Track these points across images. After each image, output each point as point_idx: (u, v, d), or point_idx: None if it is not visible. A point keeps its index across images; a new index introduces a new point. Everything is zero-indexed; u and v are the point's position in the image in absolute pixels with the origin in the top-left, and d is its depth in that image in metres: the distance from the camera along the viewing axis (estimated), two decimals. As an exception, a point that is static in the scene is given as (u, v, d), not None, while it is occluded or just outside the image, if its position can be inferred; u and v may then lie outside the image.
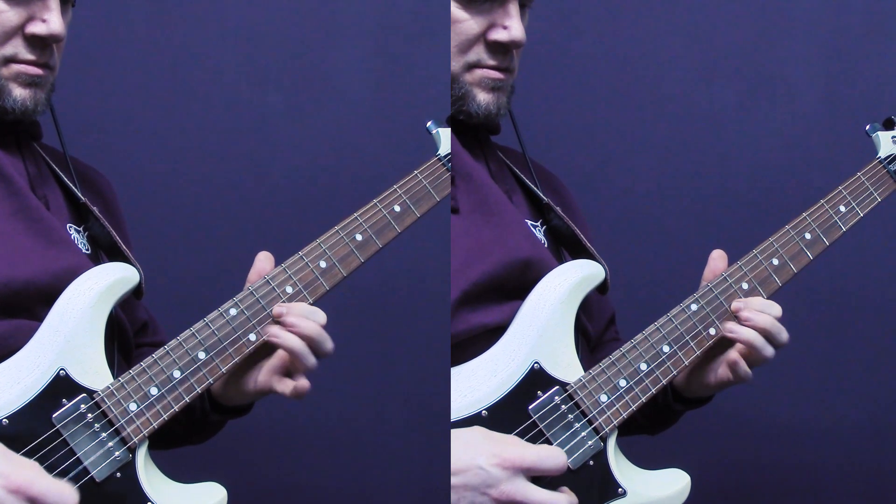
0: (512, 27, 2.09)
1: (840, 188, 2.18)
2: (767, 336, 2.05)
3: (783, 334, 2.06)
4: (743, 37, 3.10)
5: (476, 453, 1.89)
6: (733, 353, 2.07)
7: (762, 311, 2.06)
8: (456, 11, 2.09)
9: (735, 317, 2.07)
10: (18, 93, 2.02)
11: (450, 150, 2.13)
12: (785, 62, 3.09)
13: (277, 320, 1.99)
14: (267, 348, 2.02)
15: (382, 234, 2.07)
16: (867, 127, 2.26)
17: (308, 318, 1.99)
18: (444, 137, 2.14)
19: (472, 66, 2.10)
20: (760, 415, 3.02)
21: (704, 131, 3.10)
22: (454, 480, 1.88)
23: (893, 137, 2.23)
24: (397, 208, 2.09)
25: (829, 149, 2.93)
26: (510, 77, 2.14)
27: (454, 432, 1.92)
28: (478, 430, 1.94)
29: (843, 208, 2.17)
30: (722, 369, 2.09)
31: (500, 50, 2.10)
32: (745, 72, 3.09)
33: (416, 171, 2.12)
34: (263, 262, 2.04)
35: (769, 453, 3.06)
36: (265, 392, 2.04)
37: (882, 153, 2.23)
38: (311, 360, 1.99)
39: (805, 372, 2.95)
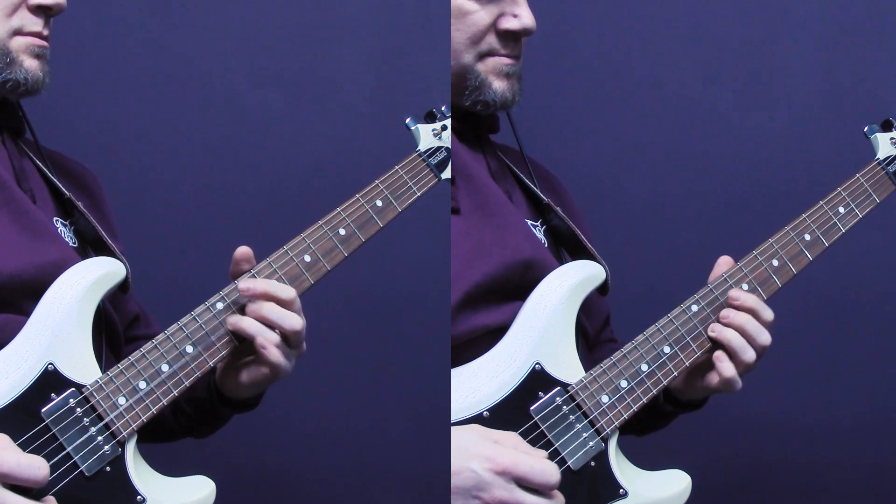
0: (522, 15, 2.11)
1: (839, 189, 2.19)
2: (745, 335, 2.05)
3: (762, 335, 2.06)
4: (742, 37, 3.10)
5: (470, 456, 1.89)
6: (717, 352, 2.07)
7: (741, 311, 2.06)
8: (465, 3, 2.10)
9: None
10: (29, 63, 2.03)
11: (430, 146, 2.14)
12: (785, 62, 3.10)
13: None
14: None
15: (365, 228, 2.08)
16: (865, 128, 2.26)
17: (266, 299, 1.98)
18: (424, 133, 2.16)
19: (484, 56, 2.12)
20: (760, 414, 3.03)
21: (704, 132, 3.10)
22: None
23: (892, 139, 2.24)
24: (379, 203, 2.09)
25: (829, 149, 2.95)
26: (519, 63, 2.16)
27: (452, 431, 1.92)
28: (474, 431, 1.93)
29: (842, 209, 2.17)
30: (711, 374, 2.09)
31: (511, 38, 2.12)
32: (744, 72, 3.10)
33: (396, 167, 2.13)
34: (241, 262, 2.02)
35: (769, 453, 3.07)
36: (259, 382, 2.02)
37: (880, 155, 2.23)
38: (269, 335, 1.96)
39: (804, 371, 2.97)
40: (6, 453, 1.82)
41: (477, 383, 1.97)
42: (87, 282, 1.95)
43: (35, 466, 1.82)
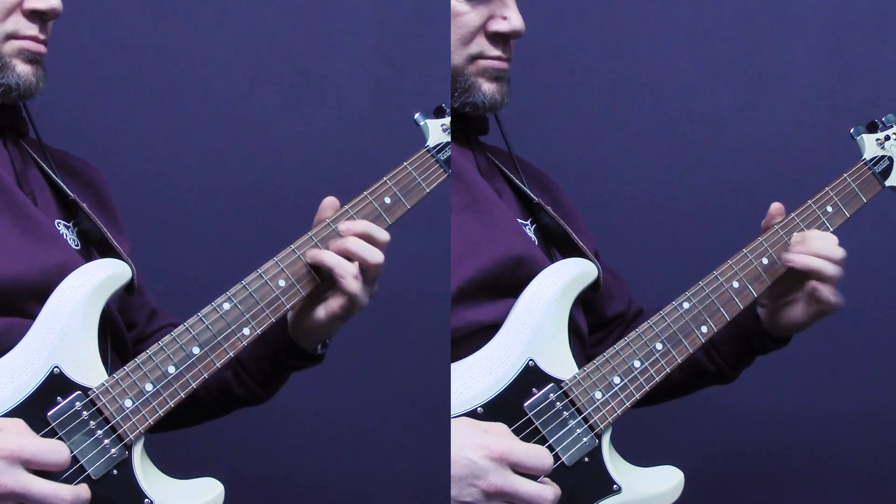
0: (511, 17, 2.13)
1: (827, 189, 2.22)
2: (825, 258, 2.11)
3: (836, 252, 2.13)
4: (743, 37, 3.11)
5: (464, 445, 1.89)
6: (809, 283, 2.12)
7: (814, 239, 2.13)
8: (456, 4, 2.11)
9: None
10: (21, 69, 2.01)
11: (439, 141, 2.14)
12: (785, 63, 3.10)
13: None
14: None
15: None
16: (851, 130, 2.30)
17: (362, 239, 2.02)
18: (433, 129, 2.15)
19: (474, 58, 2.13)
20: (754, 409, 3.04)
21: (702, 132, 3.11)
22: None
23: (878, 140, 2.27)
24: (388, 200, 2.08)
25: (828, 149, 2.91)
26: (508, 66, 2.17)
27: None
28: (466, 422, 1.94)
29: (830, 209, 2.20)
30: (809, 303, 2.15)
31: (500, 40, 2.14)
32: (744, 72, 3.10)
33: (405, 163, 2.12)
34: (327, 209, 2.05)
35: (762, 447, 3.08)
36: (336, 316, 2.04)
37: (867, 155, 2.27)
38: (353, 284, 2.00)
39: (798, 364, 2.93)
40: (27, 439, 1.82)
41: (471, 379, 1.98)
42: (92, 284, 1.94)
43: (56, 451, 1.82)
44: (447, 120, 2.16)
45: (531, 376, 2.01)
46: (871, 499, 3.07)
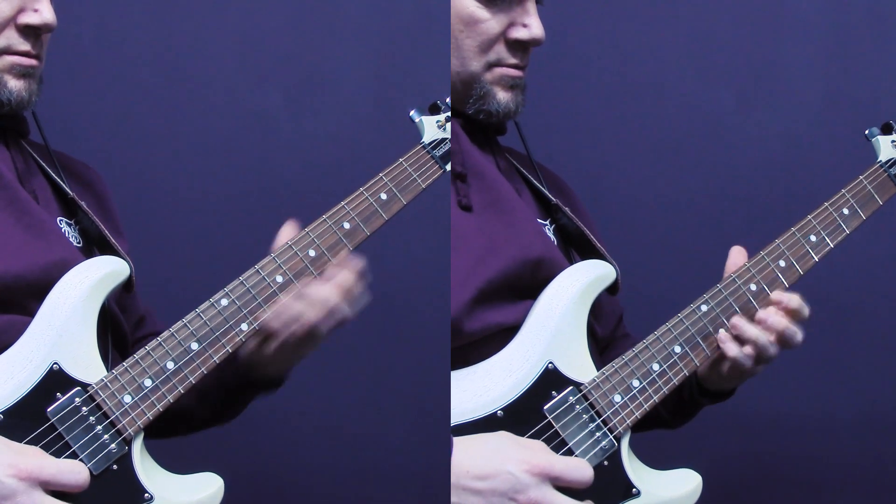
0: (532, 25, 2.12)
1: (843, 191, 2.21)
2: (783, 339, 2.09)
3: (798, 336, 2.10)
4: (742, 37, 3.12)
5: (505, 458, 1.91)
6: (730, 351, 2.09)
7: (776, 314, 2.09)
8: (477, 11, 2.11)
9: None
10: (13, 84, 2.02)
11: (434, 137, 2.14)
12: (785, 62, 3.12)
13: None
14: None
15: (369, 221, 2.07)
16: (866, 132, 2.29)
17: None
18: (428, 125, 2.15)
19: (492, 66, 2.13)
20: (767, 412, 3.04)
21: (706, 132, 3.12)
22: (481, 485, 1.90)
23: (893, 142, 2.26)
24: (384, 196, 2.09)
25: (829, 149, 2.97)
26: (524, 74, 2.17)
27: (481, 437, 1.93)
28: (506, 436, 1.95)
29: (846, 211, 2.20)
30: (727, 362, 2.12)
31: (520, 48, 2.14)
32: (744, 72, 3.12)
33: (400, 159, 2.12)
34: (288, 232, 2.06)
35: (778, 450, 3.09)
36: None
37: (882, 157, 2.25)
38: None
39: (806, 369, 2.98)
40: (46, 459, 1.84)
41: (490, 382, 1.99)
42: (91, 281, 1.95)
43: (75, 472, 1.85)
44: (442, 116, 2.16)
45: (550, 379, 2.01)
46: (878, 503, 3.10)
